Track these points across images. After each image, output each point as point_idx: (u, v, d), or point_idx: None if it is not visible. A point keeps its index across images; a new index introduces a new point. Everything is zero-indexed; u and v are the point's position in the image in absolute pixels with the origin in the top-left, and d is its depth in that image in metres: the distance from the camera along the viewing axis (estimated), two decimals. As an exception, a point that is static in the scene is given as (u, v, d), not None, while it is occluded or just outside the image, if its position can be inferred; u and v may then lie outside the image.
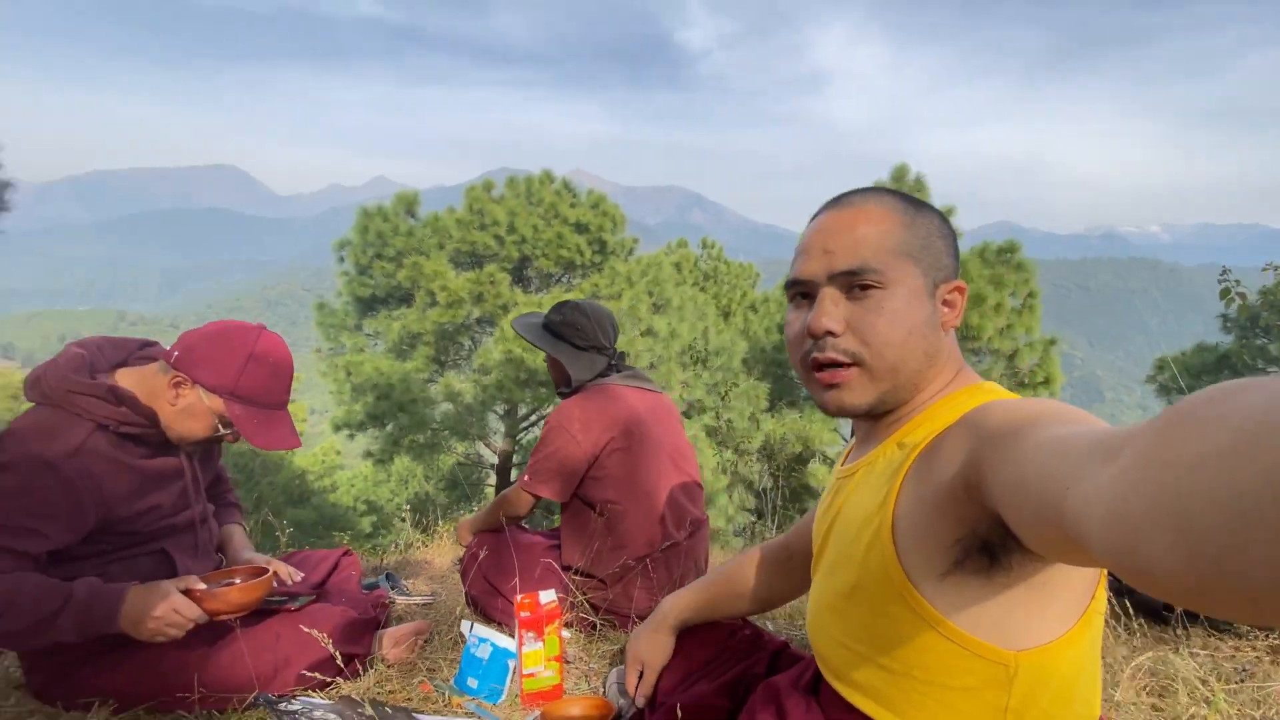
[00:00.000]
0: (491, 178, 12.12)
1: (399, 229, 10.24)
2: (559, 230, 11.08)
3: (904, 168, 10.03)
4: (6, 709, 1.15)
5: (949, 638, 0.60)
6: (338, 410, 9.61)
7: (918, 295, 0.68)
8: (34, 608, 1.02)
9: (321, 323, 10.42)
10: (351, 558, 1.63)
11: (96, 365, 1.20)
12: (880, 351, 0.67)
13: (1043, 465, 0.45)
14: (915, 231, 0.69)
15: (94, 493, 1.10)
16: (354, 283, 10.22)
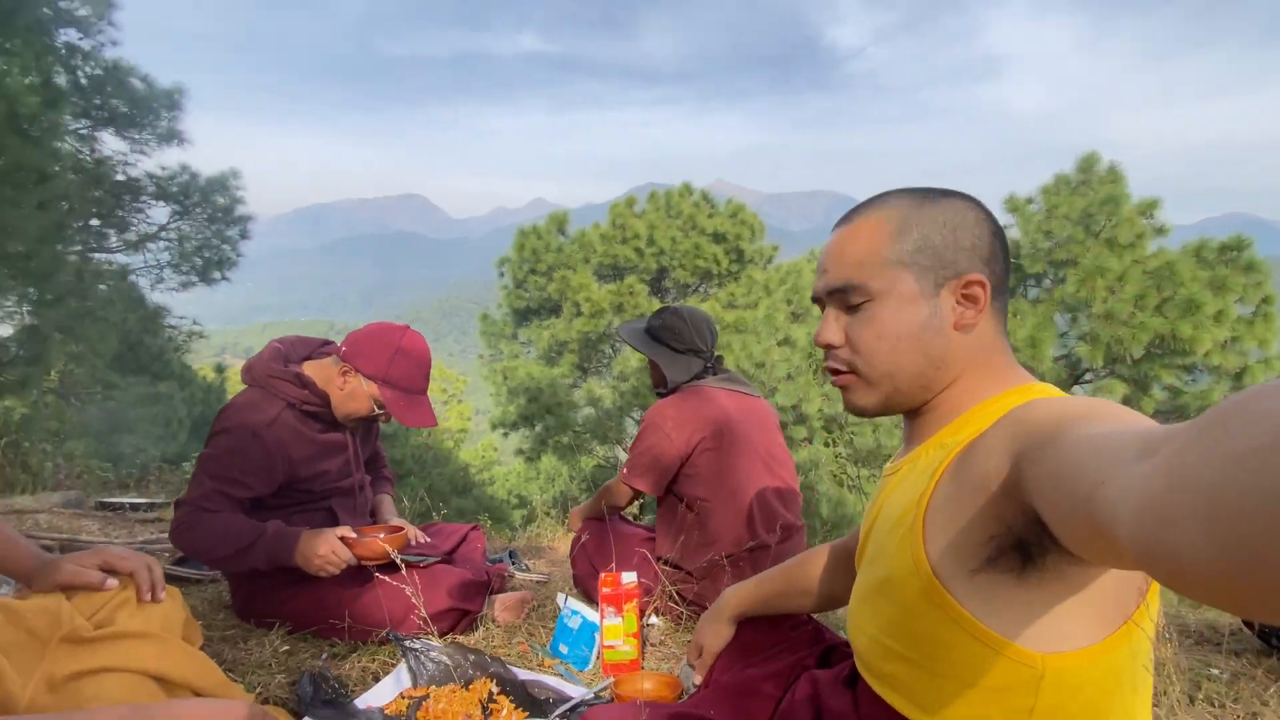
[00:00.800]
0: (636, 193, 12.61)
1: (550, 245, 11.05)
2: (696, 241, 11.24)
3: (1093, 157, 8.78)
4: (217, 623, 1.49)
5: (975, 636, 0.59)
6: (495, 410, 10.53)
7: (909, 301, 0.69)
8: (238, 539, 1.31)
9: (484, 332, 11.54)
10: (478, 532, 1.84)
11: (289, 357, 1.50)
12: (870, 360, 0.70)
13: (1080, 460, 0.44)
14: (907, 237, 0.69)
15: (283, 455, 1.39)
16: (511, 295, 11.19)
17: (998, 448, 0.56)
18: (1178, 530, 0.32)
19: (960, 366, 0.69)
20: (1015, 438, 0.55)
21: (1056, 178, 9.00)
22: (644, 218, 11.64)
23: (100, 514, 2.31)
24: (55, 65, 7.40)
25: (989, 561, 0.58)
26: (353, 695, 1.15)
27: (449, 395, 17.66)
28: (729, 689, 0.87)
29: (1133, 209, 8.34)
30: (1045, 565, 0.56)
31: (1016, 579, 0.57)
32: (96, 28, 7.99)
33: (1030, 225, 9.11)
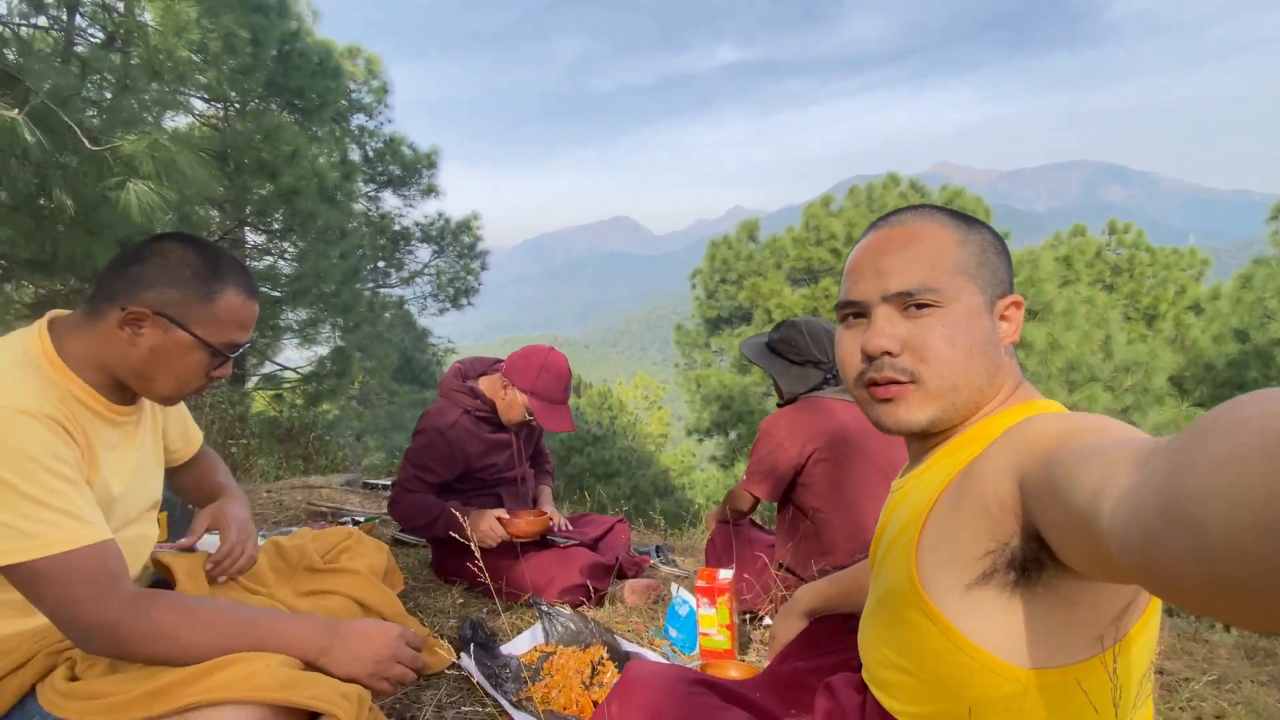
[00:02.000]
0: (841, 189, 12.08)
1: (740, 254, 11.11)
2: (902, 236, 10.34)
3: None
4: (421, 577, 1.86)
5: (961, 649, 0.59)
6: (691, 417, 10.87)
7: (976, 312, 0.67)
8: (427, 513, 1.68)
9: (679, 341, 12.01)
10: (623, 525, 2.06)
11: (467, 374, 1.86)
12: (939, 370, 0.66)
13: (1077, 473, 0.44)
14: (969, 248, 0.68)
15: (461, 451, 1.75)
16: (703, 305, 11.49)
17: (998, 465, 0.56)
18: (1161, 538, 0.33)
19: (1001, 384, 0.68)
20: (1015, 454, 0.55)
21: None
22: (841, 216, 11.09)
23: (362, 491, 3.00)
24: (350, 144, 9.62)
25: (984, 577, 0.57)
26: (500, 643, 1.40)
27: (650, 402, 18.64)
28: (779, 677, 0.90)
29: None
30: (1039, 582, 0.55)
31: (1009, 595, 0.57)
32: (378, 110, 10.20)
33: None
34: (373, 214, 10.70)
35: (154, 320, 0.85)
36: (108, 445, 0.88)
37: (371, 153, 10.29)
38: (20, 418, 0.73)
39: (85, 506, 0.77)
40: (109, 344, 0.85)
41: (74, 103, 2.61)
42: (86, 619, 0.73)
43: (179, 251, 0.87)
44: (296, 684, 0.73)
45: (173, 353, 0.87)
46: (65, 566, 0.72)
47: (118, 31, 4.73)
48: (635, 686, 0.77)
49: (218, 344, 0.89)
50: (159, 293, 0.85)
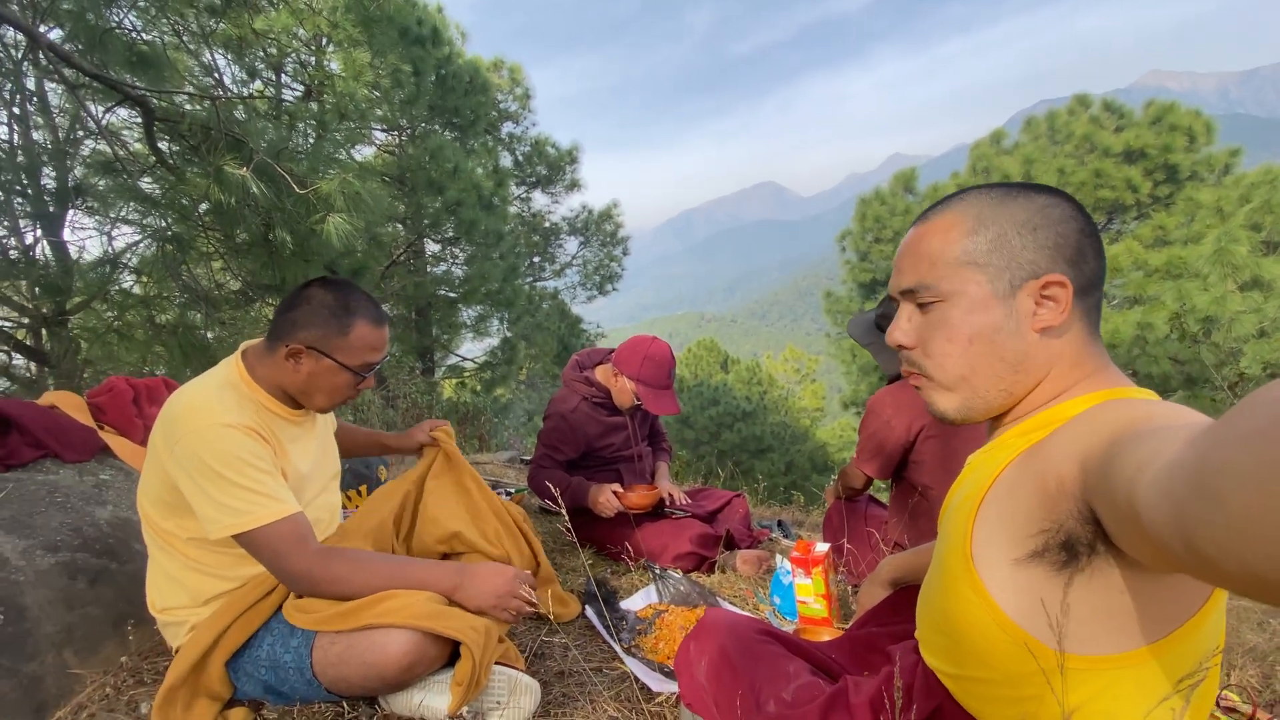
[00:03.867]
0: (1012, 126, 10.62)
1: (896, 209, 10.21)
2: (1096, 166, 8.80)
3: None
4: (561, 538, 2.13)
5: (998, 623, 0.60)
6: (847, 389, 10.36)
7: (982, 302, 0.66)
8: (559, 484, 1.90)
9: (829, 309, 11.41)
10: (741, 499, 2.17)
11: (584, 364, 2.06)
12: (940, 364, 0.69)
13: (1130, 454, 0.45)
14: (984, 234, 0.66)
15: (582, 433, 1.96)
16: (855, 269, 10.77)
17: (1064, 446, 0.56)
18: (1186, 509, 0.33)
19: (1044, 369, 0.66)
20: (1083, 436, 0.54)
21: None
22: (1016, 152, 9.72)
23: (519, 467, 3.36)
24: (502, 152, 10.41)
25: (1034, 555, 0.57)
26: (621, 599, 1.56)
27: (802, 375, 18.02)
28: (855, 640, 0.93)
29: None
30: (1089, 567, 0.55)
31: (1056, 576, 0.56)
32: (523, 116, 10.90)
33: None
34: (525, 214, 11.53)
35: (308, 353, 1.09)
36: (292, 439, 1.16)
37: (520, 157, 11.05)
38: (228, 430, 1.00)
39: (280, 489, 1.03)
40: (281, 371, 1.11)
41: (285, 153, 3.14)
42: (289, 569, 1.00)
43: (320, 295, 1.11)
44: (440, 615, 0.97)
45: (324, 375, 1.11)
46: (269, 533, 0.99)
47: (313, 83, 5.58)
48: (709, 629, 0.87)
49: (356, 366, 1.12)
50: (309, 331, 1.09)
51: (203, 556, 1.07)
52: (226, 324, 3.82)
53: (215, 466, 0.97)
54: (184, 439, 0.98)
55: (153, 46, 2.96)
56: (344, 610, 0.99)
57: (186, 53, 3.58)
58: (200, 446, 0.97)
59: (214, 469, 0.97)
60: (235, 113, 3.35)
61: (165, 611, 1.09)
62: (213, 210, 3.18)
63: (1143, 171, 8.74)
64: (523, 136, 11.02)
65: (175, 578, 1.08)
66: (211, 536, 0.99)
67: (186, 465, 0.98)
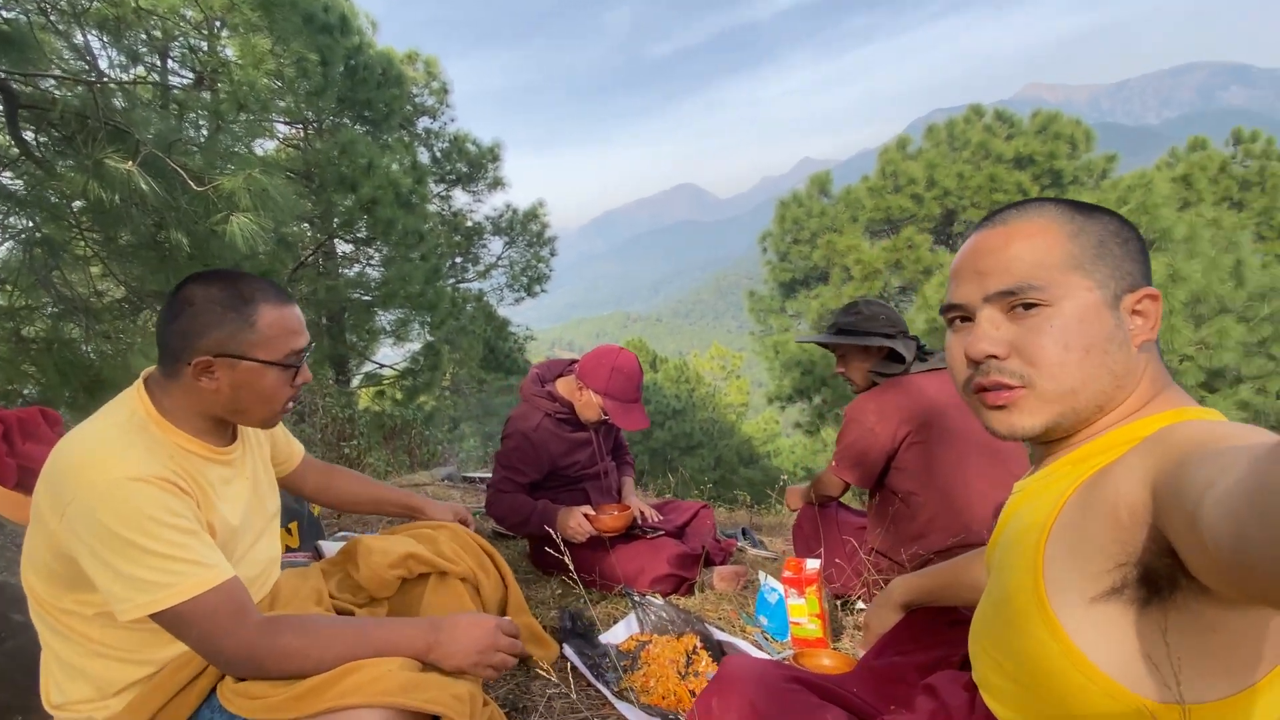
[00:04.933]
0: (913, 131, 11.30)
1: (812, 211, 10.64)
2: (990, 171, 9.55)
3: None
4: (520, 568, 1.99)
5: (1081, 670, 0.55)
6: (770, 384, 10.69)
7: (1093, 309, 0.62)
8: (521, 511, 1.78)
9: (752, 308, 11.74)
10: (708, 510, 2.11)
11: (545, 378, 1.94)
12: (1052, 373, 0.62)
13: (1197, 476, 0.43)
14: (1083, 240, 0.63)
15: (545, 451, 1.83)
16: (776, 269, 11.14)
17: (1134, 471, 0.52)
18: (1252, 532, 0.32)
19: (1132, 386, 0.63)
20: (1152, 460, 0.51)
21: None
22: (920, 158, 10.37)
23: (463, 486, 3.19)
24: (419, 148, 10.00)
25: (1112, 591, 0.53)
26: (598, 632, 1.47)
27: (727, 371, 18.47)
28: (876, 672, 0.89)
29: None
30: (1172, 603, 0.50)
31: (1137, 614, 0.52)
32: (440, 111, 10.51)
33: None
34: (445, 213, 11.12)
35: (219, 362, 0.90)
36: (221, 482, 0.96)
37: (439, 153, 10.64)
38: (136, 485, 0.81)
39: (207, 552, 0.85)
40: (196, 395, 0.92)
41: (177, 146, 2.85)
42: (225, 649, 0.83)
43: (203, 292, 0.91)
44: (415, 687, 0.82)
45: (249, 383, 0.92)
46: (198, 608, 0.82)
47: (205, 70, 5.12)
48: (733, 682, 0.78)
49: (281, 358, 0.94)
50: (209, 337, 0.90)
51: (110, 638, 0.86)
52: (111, 337, 3.42)
53: (122, 532, 0.78)
54: (78, 500, 0.79)
55: (14, 25, 2.60)
56: (299, 693, 0.82)
57: (55, 33, 3.18)
58: (101, 508, 0.78)
59: (120, 535, 0.78)
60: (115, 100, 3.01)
61: (64, 708, 0.88)
62: (90, 209, 2.83)
63: (1031, 176, 9.58)
64: (441, 132, 10.63)
65: (75, 666, 0.87)
66: (122, 618, 0.80)
67: (84, 533, 0.78)
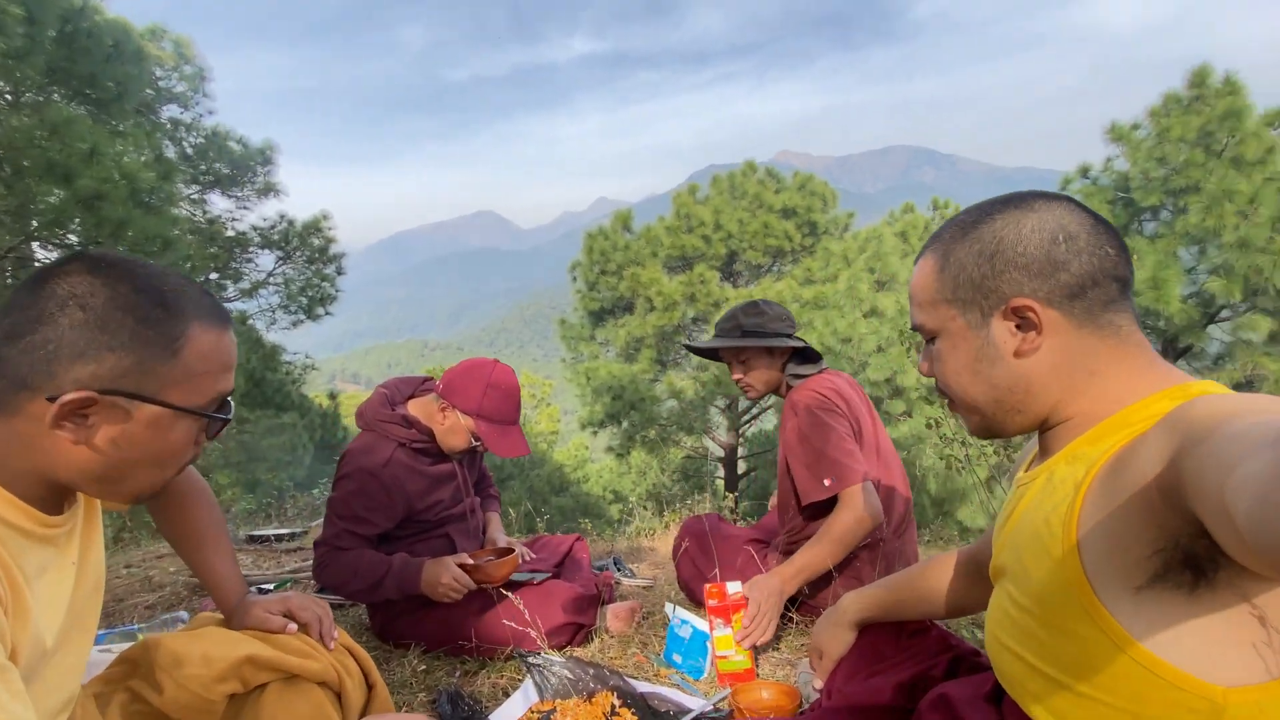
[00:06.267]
0: (701, 178, 12.48)
1: (617, 245, 11.15)
2: (765, 220, 10.97)
3: (1205, 69, 7.78)
4: (360, 643, 1.56)
5: (1142, 664, 0.53)
6: (582, 410, 10.80)
7: (959, 335, 0.70)
8: (369, 573, 1.43)
9: (564, 336, 11.84)
10: (582, 543, 1.90)
11: (394, 399, 1.60)
12: (953, 393, 0.73)
13: (1223, 451, 0.42)
14: (947, 272, 0.69)
15: (400, 492, 1.49)
16: (585, 298, 11.41)
17: (1157, 450, 0.52)
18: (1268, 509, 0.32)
19: (1050, 385, 0.66)
20: (1174, 437, 0.50)
21: (1165, 97, 8.05)
22: (708, 203, 11.50)
23: (251, 548, 2.55)
24: (164, 140, 8.32)
25: (1156, 578, 0.52)
26: (487, 710, 1.21)
27: (537, 399, 18.28)
28: (854, 699, 0.86)
29: (1257, 121, 7.33)
30: (1220, 582, 0.50)
31: (1188, 597, 0.51)
32: (194, 100, 8.91)
33: (1139, 154, 8.19)
34: (199, 219, 9.37)
35: (104, 403, 0.59)
36: (38, 571, 0.62)
37: (191, 149, 8.98)
38: None
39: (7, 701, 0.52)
40: (41, 449, 0.59)
41: None
42: None
43: (103, 291, 0.59)
44: None
45: (145, 437, 0.62)
46: None
47: None
48: None
49: (204, 405, 0.65)
50: (98, 363, 0.59)
51: None
52: None
53: None
54: None
55: None
56: None
57: None
58: None
59: None
60: None
61: None
62: None
63: (795, 225, 11.23)
64: (196, 125, 9.00)
65: None
66: None
67: None
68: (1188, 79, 7.85)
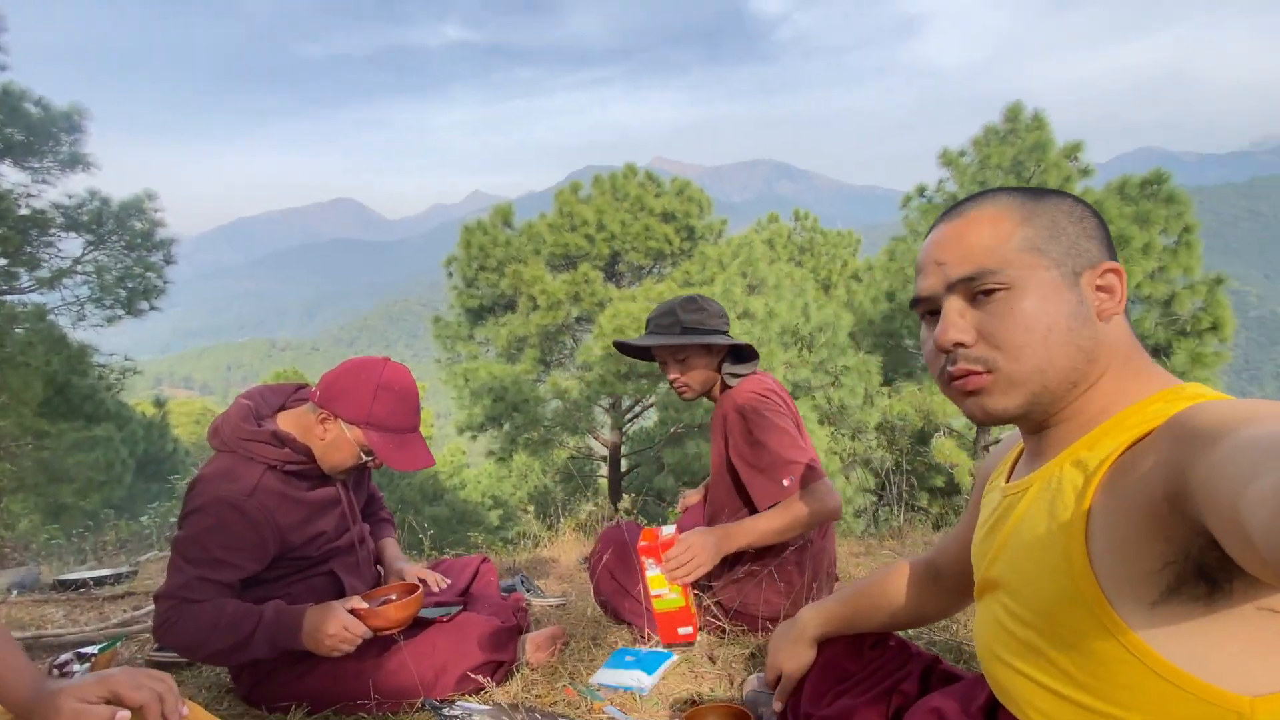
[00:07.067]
0: (579, 179, 12.41)
1: (498, 240, 10.79)
2: (646, 222, 11.16)
3: (1018, 106, 9.14)
4: (221, 712, 1.30)
5: (1164, 676, 0.52)
6: (459, 414, 10.33)
7: (1053, 287, 0.62)
8: (233, 630, 1.18)
9: (438, 335, 11.23)
10: (489, 565, 1.72)
11: (260, 412, 1.35)
12: (1017, 355, 0.62)
13: (1233, 462, 0.42)
14: (1037, 222, 0.64)
15: (271, 525, 1.25)
16: (463, 295, 10.90)
17: (1162, 459, 0.51)
18: None
19: (1106, 361, 0.63)
20: (1179, 445, 0.50)
21: (986, 129, 9.33)
22: (591, 203, 11.47)
23: (62, 597, 2.04)
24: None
25: (1170, 591, 0.51)
26: None
27: (409, 403, 17.21)
28: None
29: (1058, 153, 8.73)
30: (1234, 591, 0.49)
31: (1206, 608, 0.50)
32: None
33: (965, 177, 9.43)
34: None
35: None
36: None
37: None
38: None
39: None
40: None
41: None
42: None
43: None
44: None
45: None
46: None
47: None
48: None
49: None
50: None
51: None
52: None
53: None
54: None
55: None
56: None
57: None
58: None
59: None
60: None
61: None
62: None
63: (674, 229, 11.55)
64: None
65: None
66: None
67: None
68: (1003, 114, 9.18)
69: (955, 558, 0.90)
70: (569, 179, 12.97)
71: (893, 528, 2.83)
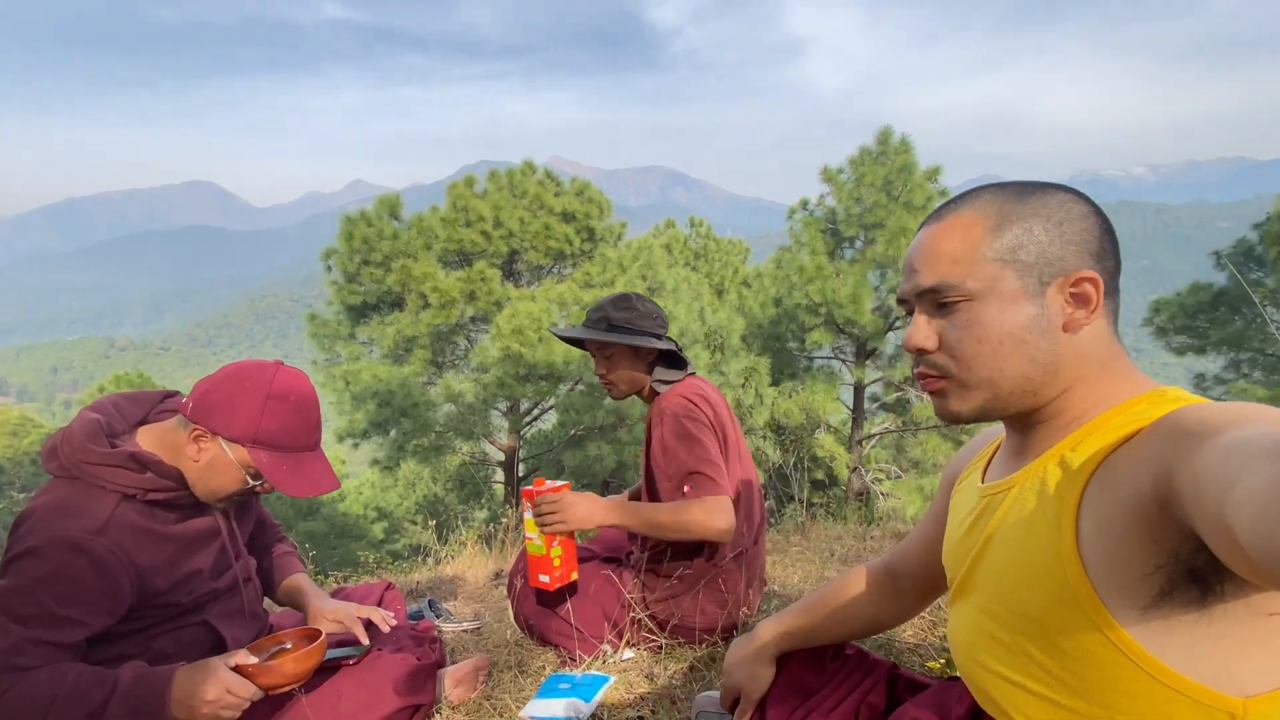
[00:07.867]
0: (472, 173, 11.93)
1: (384, 233, 10.09)
2: (546, 221, 10.94)
3: (888, 131, 9.95)
4: None
5: (1157, 678, 0.53)
6: (339, 420, 9.55)
7: (1012, 299, 0.63)
8: (79, 702, 0.94)
9: (314, 334, 10.29)
10: (394, 592, 1.56)
11: (115, 428, 1.11)
12: (969, 365, 0.65)
13: (1219, 464, 0.42)
14: (1008, 230, 0.64)
15: (128, 569, 1.02)
16: (344, 291, 10.09)
17: (1149, 461, 0.51)
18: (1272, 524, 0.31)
19: (1072, 371, 0.63)
20: (1165, 447, 0.50)
21: (861, 150, 10.11)
22: (487, 198, 11.06)
23: None
24: None
25: (1162, 595, 0.51)
26: None
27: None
28: None
29: (922, 175, 9.64)
30: (1226, 593, 0.50)
31: (1200, 611, 0.51)
32: None
33: (843, 193, 10.16)
34: None
35: None
36: None
37: None
38: None
39: None
40: None
41: None
42: None
43: None
44: None
45: None
46: None
47: None
48: None
49: None
50: None
51: None
52: None
53: None
54: None
55: None
56: None
57: None
58: None
59: None
60: None
61: None
62: None
63: (575, 230, 11.41)
64: None
65: None
66: None
67: None
68: (876, 136, 9.97)
69: (918, 561, 0.89)
70: (461, 172, 12.45)
71: (797, 523, 2.90)
